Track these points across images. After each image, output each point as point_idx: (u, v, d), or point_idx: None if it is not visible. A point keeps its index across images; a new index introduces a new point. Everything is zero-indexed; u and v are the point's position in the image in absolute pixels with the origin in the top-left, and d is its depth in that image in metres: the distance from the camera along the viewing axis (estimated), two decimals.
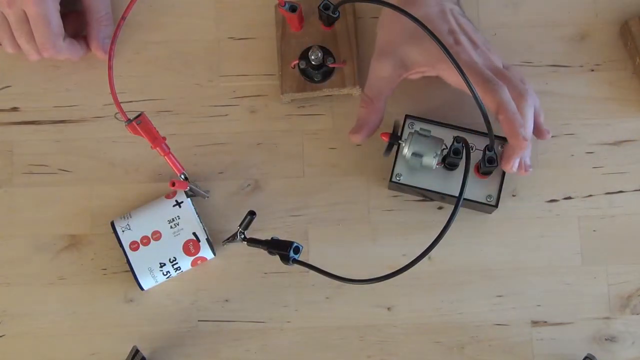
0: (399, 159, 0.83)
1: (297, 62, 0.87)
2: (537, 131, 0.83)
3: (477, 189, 0.83)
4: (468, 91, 0.74)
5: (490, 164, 0.79)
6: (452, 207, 0.72)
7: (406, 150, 0.80)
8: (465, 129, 0.84)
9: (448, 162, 0.82)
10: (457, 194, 0.73)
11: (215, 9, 0.92)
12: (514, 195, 0.86)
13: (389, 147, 0.81)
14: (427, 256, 0.71)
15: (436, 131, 0.83)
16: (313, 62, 0.85)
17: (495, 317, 0.85)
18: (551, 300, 0.85)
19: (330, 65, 0.86)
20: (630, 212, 0.86)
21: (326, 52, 0.86)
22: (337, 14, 0.85)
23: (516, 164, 0.81)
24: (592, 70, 0.89)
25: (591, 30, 0.90)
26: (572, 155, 0.87)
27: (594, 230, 0.86)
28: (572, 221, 0.86)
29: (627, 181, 0.87)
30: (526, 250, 0.86)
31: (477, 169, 0.82)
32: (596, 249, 0.85)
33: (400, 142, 0.81)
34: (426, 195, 0.85)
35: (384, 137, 0.81)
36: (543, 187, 0.86)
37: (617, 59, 0.89)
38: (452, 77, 0.81)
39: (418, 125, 0.83)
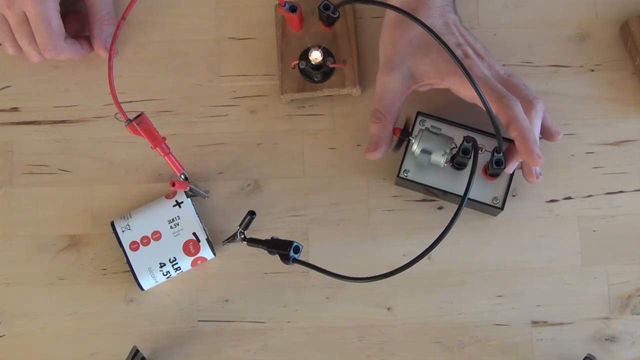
0: (407, 155, 0.83)
1: (297, 62, 0.87)
2: (547, 134, 0.82)
3: (484, 190, 0.83)
4: (480, 103, 0.74)
5: (498, 166, 0.79)
6: (455, 207, 0.72)
7: (415, 147, 0.80)
8: (477, 129, 0.83)
9: (456, 162, 0.81)
10: (463, 194, 0.73)
11: (215, 9, 0.92)
12: (514, 195, 0.86)
13: (399, 143, 0.81)
14: (427, 256, 0.71)
15: (447, 130, 0.83)
16: (313, 62, 0.85)
17: (495, 317, 0.85)
18: (551, 300, 0.85)
19: (330, 65, 0.86)
20: (630, 212, 0.86)
21: (326, 52, 0.86)
22: (337, 14, 0.85)
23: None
24: (592, 70, 0.89)
25: (591, 30, 0.90)
26: (572, 155, 0.87)
27: (594, 230, 0.86)
28: (572, 221, 0.86)
29: (627, 181, 0.87)
30: (526, 250, 0.86)
31: (485, 170, 0.82)
32: (596, 249, 0.85)
33: (410, 138, 0.81)
34: (432, 193, 0.85)
35: (394, 133, 0.81)
36: (543, 187, 0.86)
37: (617, 59, 0.89)
38: (465, 91, 0.80)
39: (429, 123, 0.83)
